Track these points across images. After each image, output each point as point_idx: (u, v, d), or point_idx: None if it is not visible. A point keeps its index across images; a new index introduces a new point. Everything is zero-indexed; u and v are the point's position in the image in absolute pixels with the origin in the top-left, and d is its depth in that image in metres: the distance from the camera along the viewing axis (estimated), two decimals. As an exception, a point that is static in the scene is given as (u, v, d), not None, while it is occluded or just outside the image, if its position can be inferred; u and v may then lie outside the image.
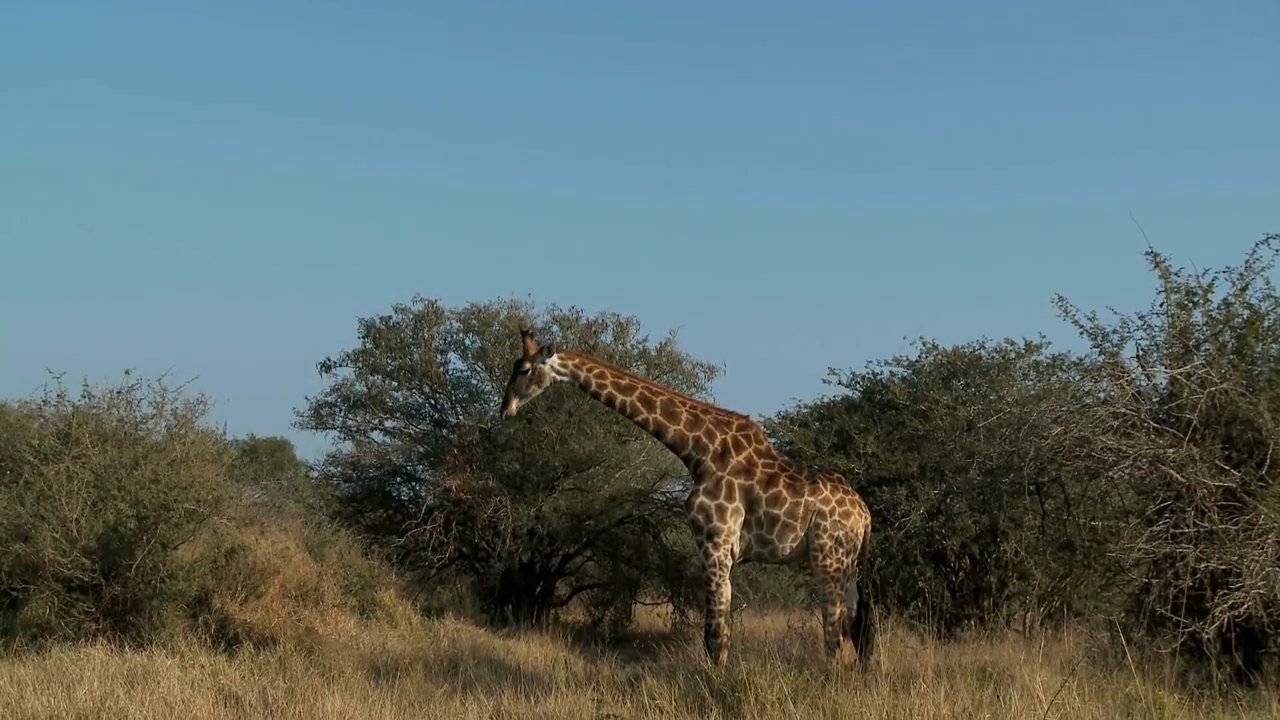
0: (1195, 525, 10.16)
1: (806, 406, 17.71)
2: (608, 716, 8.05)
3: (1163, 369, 11.00)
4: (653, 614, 19.61)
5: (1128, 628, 10.75)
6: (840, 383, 17.44)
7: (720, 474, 11.59)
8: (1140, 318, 11.27)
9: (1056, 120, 68.70)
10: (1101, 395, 11.19)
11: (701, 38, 72.52)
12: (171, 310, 62.63)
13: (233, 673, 10.20)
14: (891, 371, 17.21)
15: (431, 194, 69.95)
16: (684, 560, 18.66)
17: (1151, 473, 10.67)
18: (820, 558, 11.43)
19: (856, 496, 11.83)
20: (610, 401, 11.91)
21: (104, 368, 29.39)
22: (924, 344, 17.18)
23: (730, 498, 11.52)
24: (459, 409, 19.02)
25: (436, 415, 19.26)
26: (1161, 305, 11.18)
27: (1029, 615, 16.03)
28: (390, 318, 19.07)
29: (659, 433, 11.90)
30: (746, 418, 12.12)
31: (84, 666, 9.78)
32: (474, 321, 18.91)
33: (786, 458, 12.27)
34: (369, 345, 19.02)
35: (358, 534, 17.92)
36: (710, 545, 11.49)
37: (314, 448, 67.27)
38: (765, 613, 19.99)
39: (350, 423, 19.50)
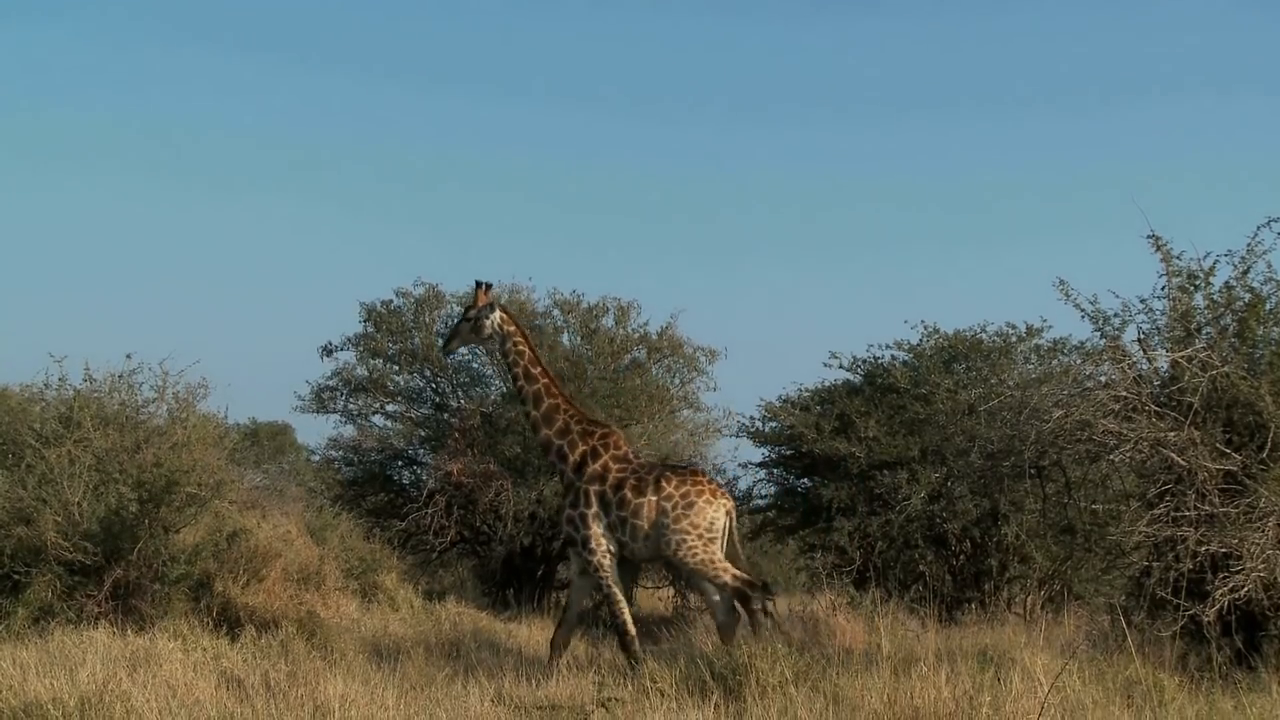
0: (1196, 508, 10.16)
1: (807, 390, 17.71)
2: (609, 699, 8.05)
3: (1164, 352, 10.99)
4: (654, 598, 19.62)
5: (1128, 611, 10.75)
6: (841, 366, 17.45)
7: (578, 484, 11.91)
8: (1141, 301, 11.26)
9: (1066, 96, 68.64)
10: (1103, 379, 11.19)
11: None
12: (172, 294, 62.63)
13: (235, 656, 10.24)
14: (893, 355, 17.21)
15: (434, 177, 69.95)
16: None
17: (1152, 456, 10.66)
18: (677, 552, 11.59)
19: (709, 486, 11.86)
20: (515, 380, 12.27)
21: (105, 351, 29.33)
22: (925, 327, 17.19)
23: (589, 504, 11.80)
24: (460, 393, 19.02)
25: (438, 399, 19.26)
26: (1163, 289, 11.17)
27: (1030, 598, 16.06)
28: (391, 301, 19.06)
29: (535, 429, 12.27)
30: (609, 427, 12.53)
31: (86, 649, 9.81)
32: (474, 305, 18.88)
33: (643, 462, 12.46)
34: (370, 329, 19.01)
35: (359, 518, 17.94)
36: (586, 553, 11.74)
37: (315, 431, 67.24)
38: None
39: (351, 406, 19.50)
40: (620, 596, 11.77)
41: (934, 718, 7.71)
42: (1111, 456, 10.99)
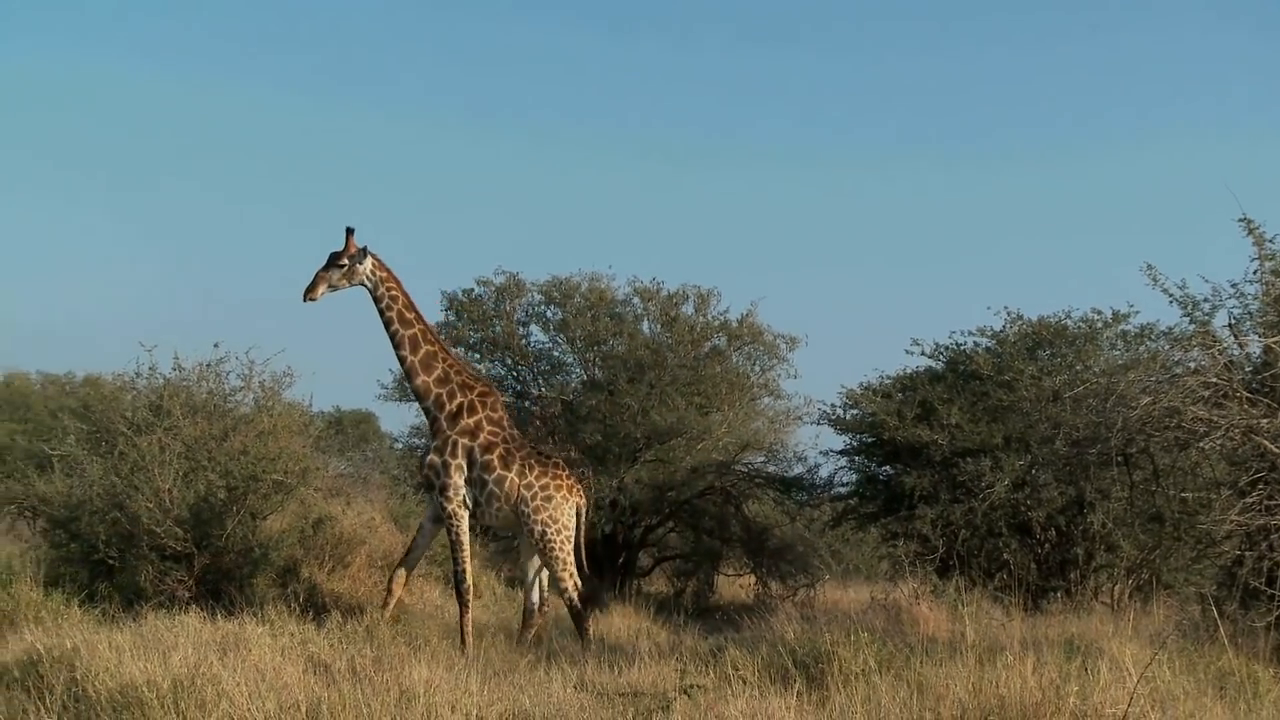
0: (1290, 497, 9.96)
1: (889, 377, 17.56)
2: (691, 687, 8.04)
3: (1256, 338, 10.77)
4: (735, 585, 19.60)
5: (1220, 600, 10.57)
6: (923, 353, 17.29)
7: (449, 433, 12.31)
8: (1233, 285, 11.05)
9: (1144, 82, 67.39)
10: (1192, 365, 10.98)
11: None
12: (257, 284, 63.52)
13: (321, 641, 10.34)
14: (975, 342, 17.02)
15: (514, 168, 70.25)
16: (766, 531, 18.64)
17: (1244, 444, 10.46)
18: (535, 541, 12.18)
19: (566, 480, 12.44)
20: (388, 325, 12.42)
21: (193, 340, 29.81)
22: (1008, 314, 16.97)
23: (455, 455, 12.25)
24: (541, 381, 19.10)
25: (519, 387, 19.34)
26: (1255, 273, 10.94)
27: (1117, 588, 15.83)
28: (472, 290, 19.13)
29: (410, 374, 12.52)
30: (490, 386, 12.93)
31: (178, 633, 9.95)
32: (555, 294, 18.93)
33: (516, 432, 12.77)
34: (452, 318, 19.10)
35: (442, 505, 18.05)
36: (444, 499, 12.24)
37: (398, 419, 67.91)
38: (849, 584, 19.91)
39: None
40: (466, 546, 12.28)
41: (1020, 707, 7.61)
42: (1201, 444, 10.79)
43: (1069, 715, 7.45)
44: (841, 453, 18.03)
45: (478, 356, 19.18)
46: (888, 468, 17.49)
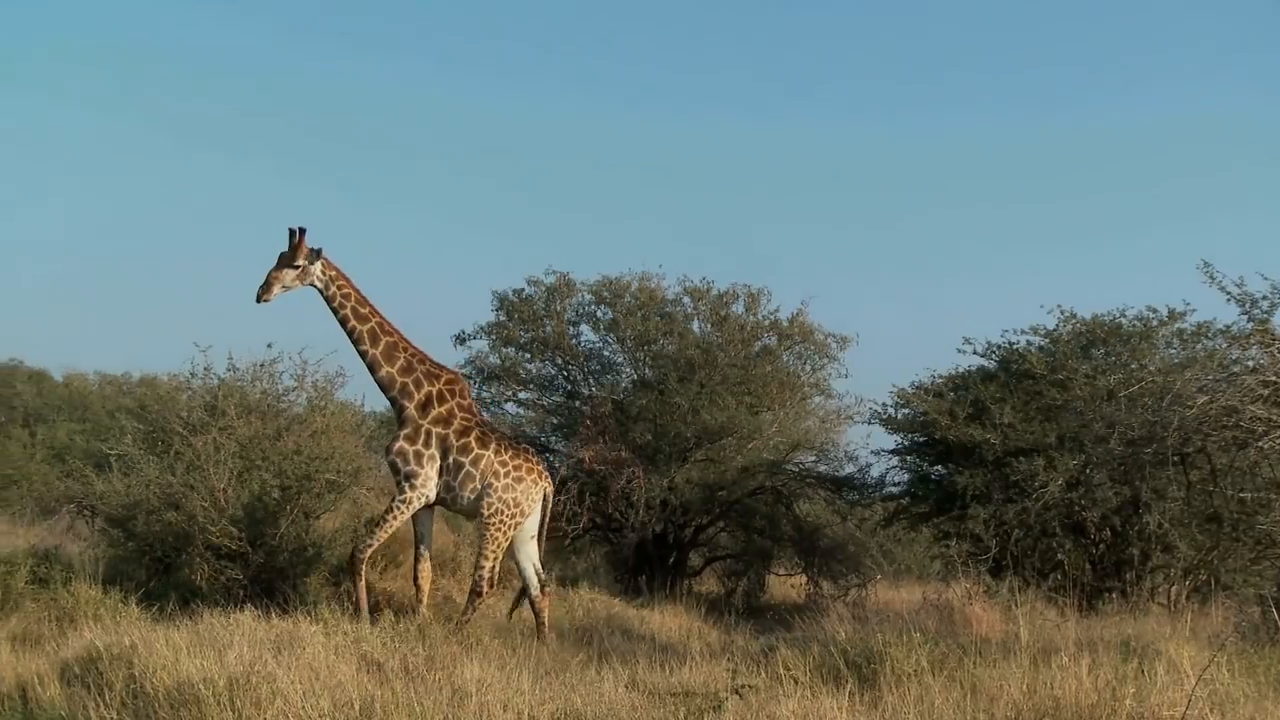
0: (1352, 497, 9.81)
1: (941, 376, 17.46)
2: (743, 687, 8.02)
3: (1318, 335, 10.63)
4: (786, 585, 19.55)
5: (1280, 602, 10.43)
6: (975, 352, 17.18)
7: (421, 422, 12.32)
8: (1292, 283, 10.90)
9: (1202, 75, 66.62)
10: (1250, 363, 10.87)
11: None
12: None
13: (374, 640, 10.40)
14: (1028, 341, 16.89)
15: (566, 168, 70.53)
16: (817, 531, 18.59)
17: (1305, 443, 10.32)
18: (486, 513, 12.28)
19: (538, 466, 12.63)
20: (344, 322, 12.40)
21: (247, 340, 30.03)
22: (1062, 312, 16.82)
23: (428, 444, 12.28)
24: (591, 380, 19.12)
25: (569, 386, 19.37)
26: (1316, 269, 10.79)
27: (1174, 589, 15.66)
28: (523, 290, 19.19)
29: (373, 367, 12.44)
30: (455, 373, 12.94)
31: (234, 631, 10.03)
32: (605, 293, 18.95)
33: (486, 418, 13.03)
34: (502, 318, 19.16)
35: (493, 504, 18.10)
36: (406, 486, 12.25)
37: (449, 419, 68.26)
38: (900, 584, 19.81)
39: (484, 394, 19.70)
40: (390, 531, 12.35)
41: (1075, 709, 7.55)
42: (1260, 443, 10.67)
43: (1125, 718, 7.38)
44: (893, 452, 17.96)
45: (528, 356, 19.24)
46: (940, 467, 17.39)
